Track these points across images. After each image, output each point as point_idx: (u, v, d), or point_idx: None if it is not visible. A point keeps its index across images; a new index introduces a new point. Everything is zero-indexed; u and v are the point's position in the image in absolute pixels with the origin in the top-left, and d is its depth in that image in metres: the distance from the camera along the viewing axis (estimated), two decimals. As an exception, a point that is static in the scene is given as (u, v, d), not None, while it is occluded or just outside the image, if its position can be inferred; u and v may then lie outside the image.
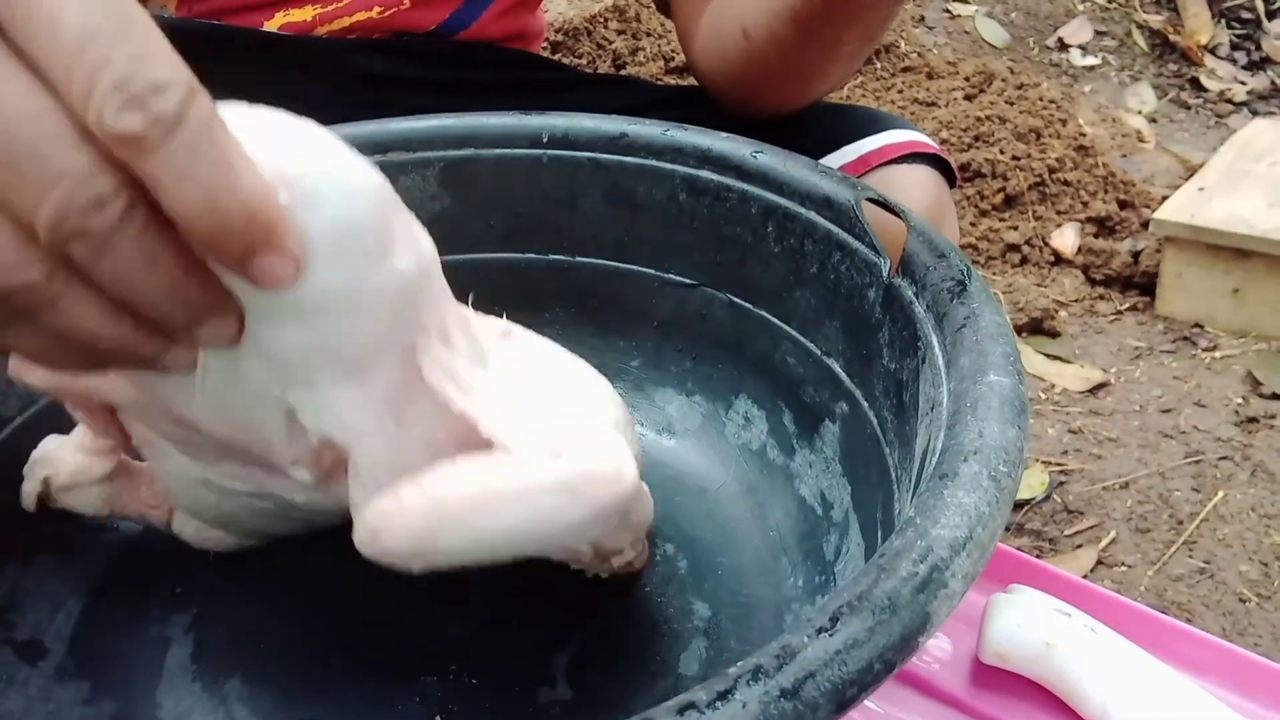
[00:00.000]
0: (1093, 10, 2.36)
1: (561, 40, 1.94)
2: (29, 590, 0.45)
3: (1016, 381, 0.35)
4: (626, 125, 0.54)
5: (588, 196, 0.55)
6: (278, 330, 0.29)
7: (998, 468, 0.32)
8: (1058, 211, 1.67)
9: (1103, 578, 1.10)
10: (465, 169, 0.56)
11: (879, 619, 0.27)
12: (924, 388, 0.39)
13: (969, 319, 0.38)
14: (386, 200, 0.31)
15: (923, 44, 2.13)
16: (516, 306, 0.59)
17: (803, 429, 0.51)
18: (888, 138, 0.64)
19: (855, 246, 0.46)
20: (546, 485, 0.30)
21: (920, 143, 0.65)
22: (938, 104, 1.85)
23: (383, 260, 0.30)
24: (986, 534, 0.30)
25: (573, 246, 0.57)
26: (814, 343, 0.49)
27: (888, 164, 0.63)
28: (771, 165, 0.50)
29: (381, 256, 0.30)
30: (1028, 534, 1.16)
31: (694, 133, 0.53)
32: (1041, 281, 1.58)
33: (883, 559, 0.29)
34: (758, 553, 0.49)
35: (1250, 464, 1.23)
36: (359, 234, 0.29)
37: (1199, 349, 1.44)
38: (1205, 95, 2.16)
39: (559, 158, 0.55)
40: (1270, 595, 1.08)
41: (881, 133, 0.64)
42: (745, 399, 0.54)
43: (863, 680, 0.26)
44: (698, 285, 0.54)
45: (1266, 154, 1.63)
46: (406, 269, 0.31)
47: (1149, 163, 1.92)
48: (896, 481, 0.41)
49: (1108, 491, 1.21)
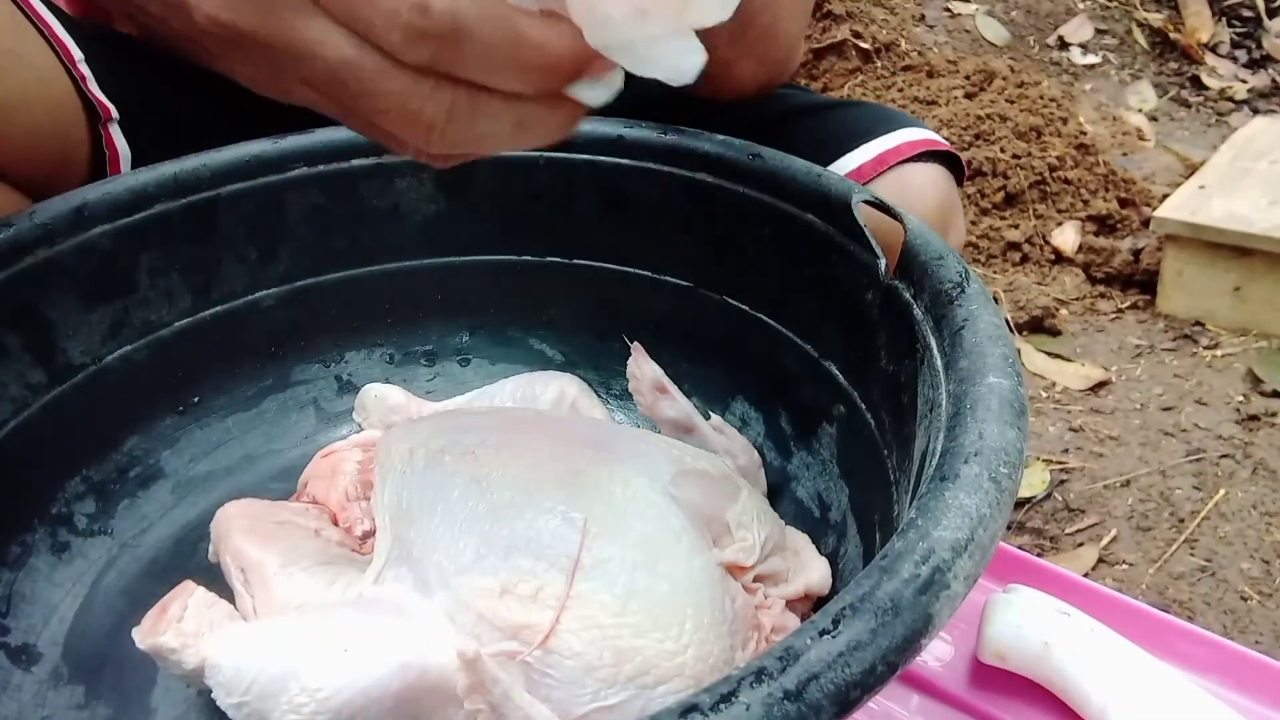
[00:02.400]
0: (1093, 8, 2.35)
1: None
2: (22, 595, 0.45)
3: (1015, 383, 0.35)
4: (623, 128, 0.54)
5: (585, 199, 0.55)
6: None
7: (998, 469, 0.32)
8: (1058, 210, 1.67)
9: (1104, 576, 1.10)
10: (462, 171, 0.56)
11: (881, 621, 0.27)
12: (922, 389, 0.39)
13: (967, 320, 0.38)
14: None
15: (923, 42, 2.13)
16: (513, 308, 0.59)
17: (800, 431, 0.50)
18: (902, 136, 0.64)
19: (853, 249, 0.46)
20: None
21: (933, 140, 0.65)
22: (938, 102, 1.85)
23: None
24: (988, 535, 0.30)
25: (570, 248, 0.57)
26: (811, 345, 0.49)
27: (902, 163, 0.63)
28: (768, 168, 0.50)
29: None
30: (1029, 532, 1.16)
31: (691, 136, 0.53)
32: (1042, 280, 1.58)
33: (884, 561, 0.29)
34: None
35: (1251, 462, 1.22)
36: None
37: (1200, 347, 1.44)
38: (1206, 93, 2.16)
39: (556, 160, 0.55)
40: (1271, 593, 1.07)
41: (896, 131, 0.64)
42: (742, 401, 0.54)
43: (866, 682, 0.26)
44: (695, 287, 0.54)
45: (1267, 152, 1.63)
46: None
47: (1149, 161, 1.91)
48: (895, 483, 0.41)
49: (1109, 490, 1.20)
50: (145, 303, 0.52)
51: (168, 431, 0.53)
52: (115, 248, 0.50)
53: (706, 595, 0.39)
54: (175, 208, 0.52)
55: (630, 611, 0.37)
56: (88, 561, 0.48)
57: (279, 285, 0.56)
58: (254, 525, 0.45)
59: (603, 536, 0.39)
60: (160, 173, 0.52)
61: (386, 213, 0.56)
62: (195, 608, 0.41)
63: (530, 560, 0.38)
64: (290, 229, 0.55)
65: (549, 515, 0.39)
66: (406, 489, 0.43)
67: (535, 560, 0.38)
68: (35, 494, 0.48)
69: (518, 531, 0.39)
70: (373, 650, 0.36)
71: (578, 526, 0.39)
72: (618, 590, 0.37)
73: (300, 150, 0.55)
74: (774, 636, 0.41)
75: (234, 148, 0.54)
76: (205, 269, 0.53)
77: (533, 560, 0.38)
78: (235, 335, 0.55)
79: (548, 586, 0.37)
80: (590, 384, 0.57)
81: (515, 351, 0.59)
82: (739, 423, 0.54)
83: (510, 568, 0.38)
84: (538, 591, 0.37)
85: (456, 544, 0.39)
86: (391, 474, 0.45)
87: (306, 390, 0.57)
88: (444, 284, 0.58)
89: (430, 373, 0.59)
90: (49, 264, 0.48)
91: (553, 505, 0.40)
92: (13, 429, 0.47)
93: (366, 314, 0.58)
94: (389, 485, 0.44)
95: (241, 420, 0.55)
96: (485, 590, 0.38)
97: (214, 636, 0.39)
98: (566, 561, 0.38)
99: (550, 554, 0.38)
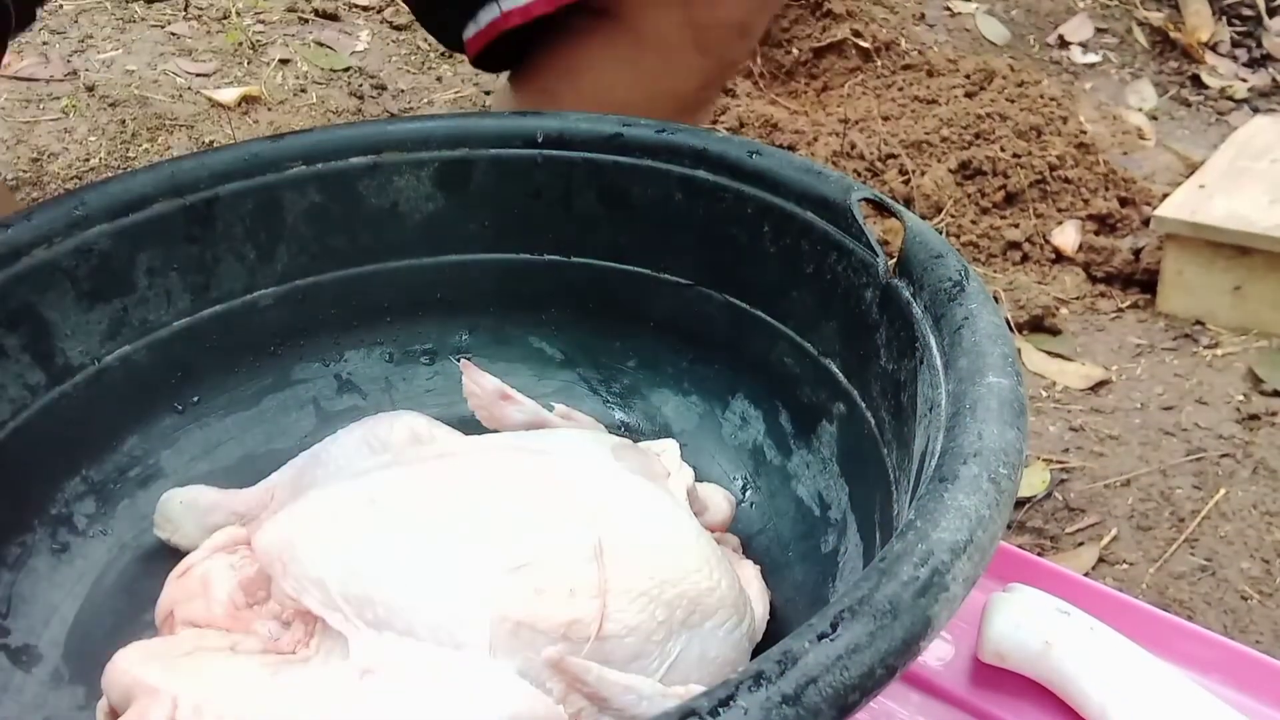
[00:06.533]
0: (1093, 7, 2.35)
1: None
2: (22, 596, 0.45)
3: (1015, 383, 0.35)
4: (621, 125, 0.54)
5: (583, 197, 0.55)
6: None
7: (997, 470, 0.32)
8: (1058, 209, 1.67)
9: (1104, 575, 1.10)
10: (460, 170, 0.56)
11: (880, 623, 0.27)
12: (922, 389, 0.38)
13: (967, 319, 0.38)
14: None
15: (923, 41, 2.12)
16: (512, 307, 0.59)
17: (800, 429, 0.50)
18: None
19: (852, 246, 0.46)
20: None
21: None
22: (938, 101, 1.85)
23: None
24: (987, 536, 0.30)
25: (568, 247, 0.57)
26: (811, 343, 0.49)
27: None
28: (768, 165, 0.50)
29: None
30: (1029, 532, 1.16)
31: (689, 133, 0.52)
32: (1042, 279, 1.58)
33: (883, 563, 0.29)
34: (755, 553, 0.49)
35: (1252, 461, 1.22)
36: None
37: (1200, 346, 1.44)
38: (1206, 92, 2.15)
39: (554, 158, 0.55)
40: (1272, 593, 1.07)
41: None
42: (742, 399, 0.54)
43: (864, 685, 0.26)
44: (694, 285, 0.54)
45: (1267, 151, 1.62)
46: None
47: (1150, 160, 1.91)
48: (895, 482, 0.41)
49: (1109, 489, 1.20)
50: (144, 303, 0.52)
51: (167, 431, 0.53)
52: (113, 248, 0.50)
53: (705, 538, 0.42)
54: (173, 207, 0.52)
55: (663, 568, 0.38)
56: (88, 562, 0.48)
57: (278, 284, 0.56)
58: (165, 665, 0.38)
59: (604, 517, 0.39)
60: (158, 172, 0.52)
61: (385, 211, 0.56)
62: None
63: (550, 561, 0.38)
64: (289, 228, 0.55)
65: (546, 516, 0.39)
66: (343, 558, 0.39)
67: (555, 560, 0.38)
68: (35, 495, 0.48)
69: (519, 541, 0.38)
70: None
71: (581, 518, 0.39)
72: (645, 557, 0.38)
73: (298, 149, 0.54)
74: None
75: (233, 147, 0.54)
76: (204, 268, 0.53)
77: (552, 560, 0.38)
78: (234, 335, 0.55)
79: (579, 580, 0.37)
80: (590, 382, 0.57)
81: (515, 350, 0.59)
82: (739, 420, 0.53)
83: (531, 575, 0.37)
84: (571, 589, 0.37)
85: (452, 581, 0.37)
86: (310, 553, 0.40)
87: (306, 389, 0.57)
88: (443, 282, 0.58)
89: (430, 371, 0.59)
90: (47, 265, 0.48)
91: (537, 507, 0.40)
92: (12, 430, 0.47)
93: (366, 313, 0.58)
94: (312, 565, 0.39)
95: (241, 420, 0.55)
96: (518, 599, 0.37)
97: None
98: (588, 551, 0.38)
99: (567, 549, 0.38)
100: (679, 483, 0.47)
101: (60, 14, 1.67)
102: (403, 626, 0.37)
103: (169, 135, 1.47)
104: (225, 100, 1.54)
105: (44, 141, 1.42)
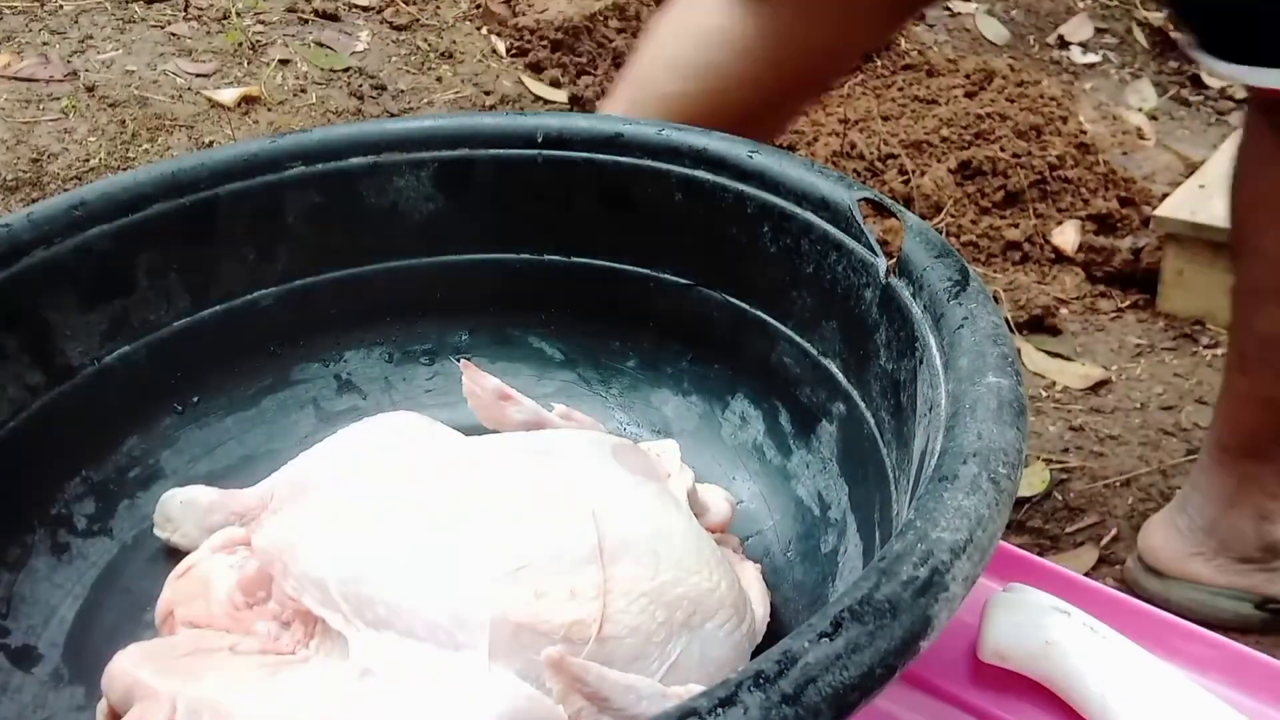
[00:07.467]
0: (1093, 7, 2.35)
1: (561, 39, 1.94)
2: (22, 596, 0.45)
3: (1015, 383, 0.35)
4: (621, 125, 0.54)
5: (583, 196, 0.55)
6: None
7: (997, 470, 0.32)
8: (1058, 209, 1.67)
9: (1104, 575, 1.10)
10: (460, 169, 0.56)
11: (880, 623, 0.27)
12: (922, 388, 0.38)
13: (967, 319, 0.38)
14: None
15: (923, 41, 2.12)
16: (512, 307, 0.59)
17: (800, 429, 0.50)
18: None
19: (852, 246, 0.46)
20: None
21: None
22: (938, 101, 1.85)
23: None
24: (987, 536, 0.30)
25: (568, 247, 0.57)
26: (811, 343, 0.49)
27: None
28: (767, 165, 0.50)
29: None
30: (1029, 532, 1.16)
31: (689, 132, 0.52)
32: (1042, 279, 1.58)
33: (883, 563, 0.28)
34: (755, 553, 0.49)
35: (1252, 461, 1.22)
36: None
37: (1200, 346, 1.44)
38: (1206, 92, 2.15)
39: (554, 158, 0.55)
40: (1272, 593, 1.07)
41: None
42: (742, 399, 0.54)
43: (864, 685, 0.26)
44: (694, 285, 0.54)
45: (1267, 150, 1.62)
46: None
47: (1149, 160, 1.91)
48: (894, 482, 0.41)
49: (1109, 489, 1.20)
50: (144, 303, 0.52)
51: (167, 431, 0.53)
52: (113, 248, 0.50)
53: (706, 539, 0.42)
54: (173, 207, 0.52)
55: (664, 569, 0.38)
56: (88, 562, 0.48)
57: (278, 284, 0.56)
58: (165, 666, 0.39)
59: (605, 518, 0.39)
60: (158, 172, 0.52)
61: (385, 211, 0.56)
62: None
63: (550, 562, 0.38)
64: (289, 228, 0.55)
65: (546, 517, 0.39)
66: (343, 559, 0.39)
67: (555, 561, 0.38)
68: (35, 495, 0.48)
69: (522, 542, 0.38)
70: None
71: (581, 519, 0.39)
72: (646, 558, 0.38)
73: (298, 149, 0.54)
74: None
75: (232, 147, 0.54)
76: (203, 269, 0.53)
77: (553, 562, 0.38)
78: (234, 335, 0.55)
79: (580, 581, 0.37)
80: (590, 382, 0.57)
81: (515, 350, 0.59)
82: (739, 420, 0.54)
83: (531, 577, 0.37)
84: (572, 590, 0.37)
85: (452, 582, 0.37)
86: (310, 553, 0.40)
87: (306, 390, 0.57)
88: (443, 282, 0.58)
89: (430, 371, 0.59)
90: (47, 265, 0.48)
91: (538, 507, 0.40)
92: (12, 430, 0.47)
93: (365, 313, 0.58)
94: (312, 566, 0.39)
95: (241, 420, 0.55)
96: (518, 600, 0.36)
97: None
98: (588, 552, 0.38)
99: (568, 550, 0.38)
100: (679, 484, 0.47)
101: (60, 14, 1.67)
102: (402, 627, 0.37)
103: (169, 135, 1.47)
104: (225, 100, 1.55)
105: (44, 142, 1.42)
